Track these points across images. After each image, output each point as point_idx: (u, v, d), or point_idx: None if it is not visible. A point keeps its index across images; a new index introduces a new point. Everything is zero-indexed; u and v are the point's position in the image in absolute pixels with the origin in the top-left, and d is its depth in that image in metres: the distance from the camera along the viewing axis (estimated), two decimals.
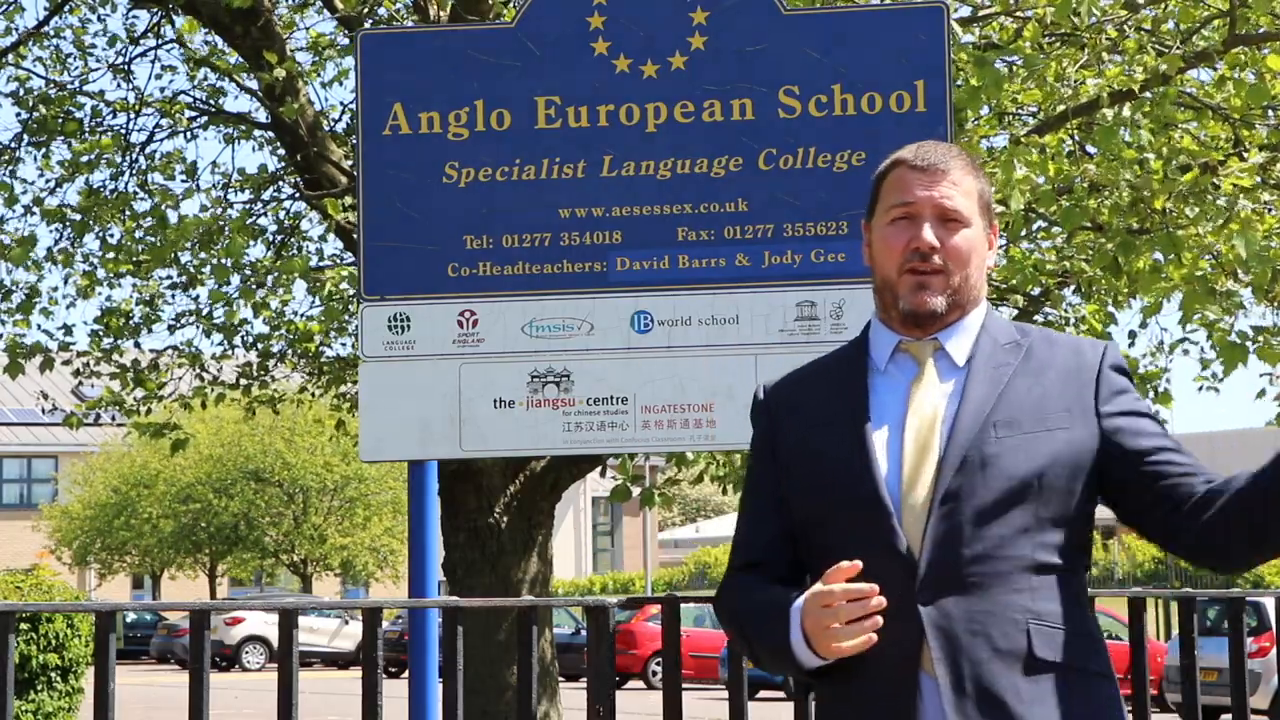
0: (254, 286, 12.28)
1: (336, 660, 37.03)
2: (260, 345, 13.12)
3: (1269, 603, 17.77)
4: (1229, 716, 5.33)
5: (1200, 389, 12.11)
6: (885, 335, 2.94)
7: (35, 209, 12.43)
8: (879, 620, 2.71)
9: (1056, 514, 2.82)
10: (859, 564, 2.73)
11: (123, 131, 12.45)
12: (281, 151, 12.16)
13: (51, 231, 12.48)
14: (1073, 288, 10.71)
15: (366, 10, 11.13)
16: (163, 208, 11.66)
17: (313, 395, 14.01)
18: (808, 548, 2.91)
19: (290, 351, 13.24)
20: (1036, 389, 2.86)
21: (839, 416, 2.89)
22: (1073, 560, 2.84)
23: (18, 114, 12.32)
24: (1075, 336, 3.07)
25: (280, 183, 12.85)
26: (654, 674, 28.84)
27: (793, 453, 2.93)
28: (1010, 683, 2.75)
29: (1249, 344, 9.54)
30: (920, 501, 2.80)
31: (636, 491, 10.68)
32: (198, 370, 13.10)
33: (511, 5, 9.60)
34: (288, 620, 4.20)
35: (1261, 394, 10.88)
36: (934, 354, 2.91)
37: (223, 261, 11.34)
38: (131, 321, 12.78)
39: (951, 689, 2.74)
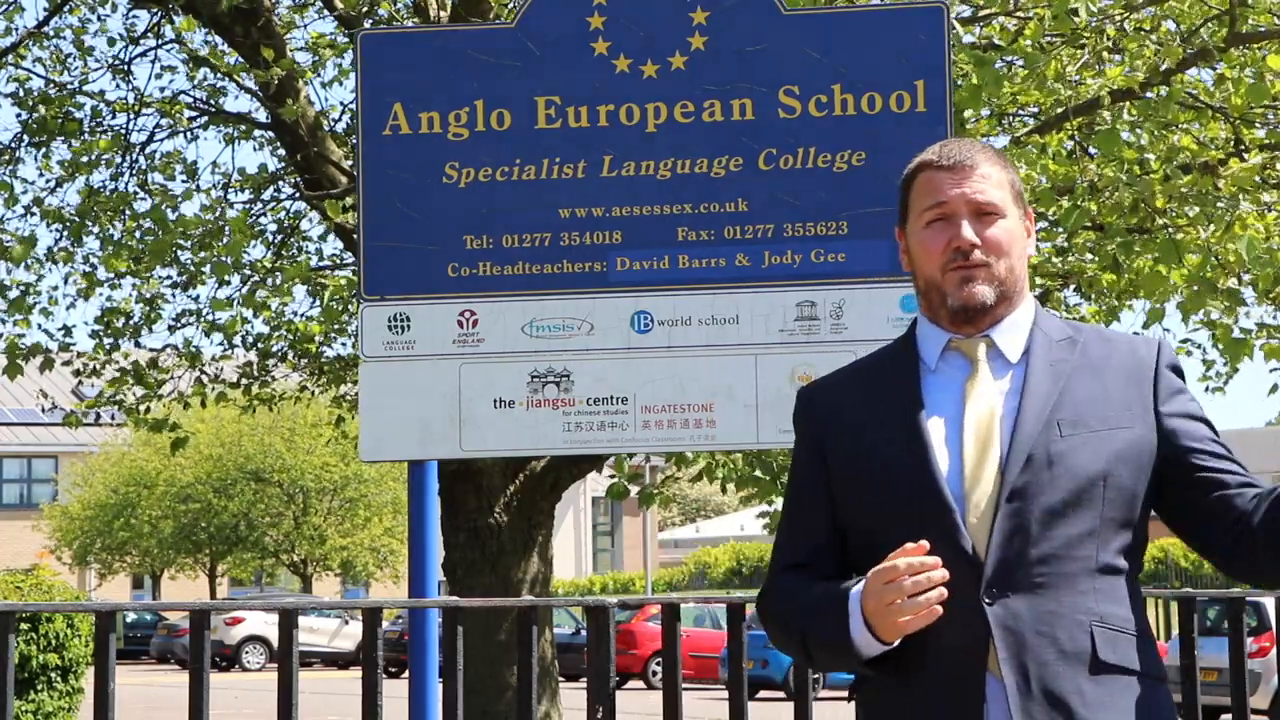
0: (254, 288, 12.27)
1: (336, 660, 37.02)
2: (260, 345, 13.12)
3: (1269, 603, 17.76)
4: (1229, 716, 5.32)
5: (1206, 389, 12.14)
6: (934, 334, 2.90)
7: (35, 209, 12.42)
8: (944, 592, 2.67)
9: (1120, 515, 2.79)
10: (925, 544, 2.67)
11: (123, 131, 12.45)
12: (281, 152, 12.15)
13: (52, 231, 12.48)
14: (1073, 288, 10.71)
15: (366, 10, 11.13)
16: (162, 208, 11.66)
17: (312, 394, 14.01)
18: (863, 551, 2.84)
19: (290, 352, 13.24)
20: (1097, 387, 2.82)
21: (893, 416, 2.85)
22: (1132, 562, 2.82)
23: (18, 114, 12.31)
24: (1129, 334, 3.03)
25: (280, 183, 12.85)
26: (654, 674, 28.83)
27: (845, 456, 2.88)
28: (1075, 685, 2.72)
29: (1252, 339, 9.57)
30: (984, 499, 2.76)
31: (635, 490, 10.68)
32: (198, 370, 13.09)
33: (511, 5, 9.60)
34: (288, 620, 4.20)
35: (1274, 389, 10.91)
36: (987, 350, 2.87)
37: (223, 260, 11.34)
38: (132, 321, 12.77)
39: (1018, 690, 2.71)
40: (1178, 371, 2.90)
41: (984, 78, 8.06)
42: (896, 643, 2.72)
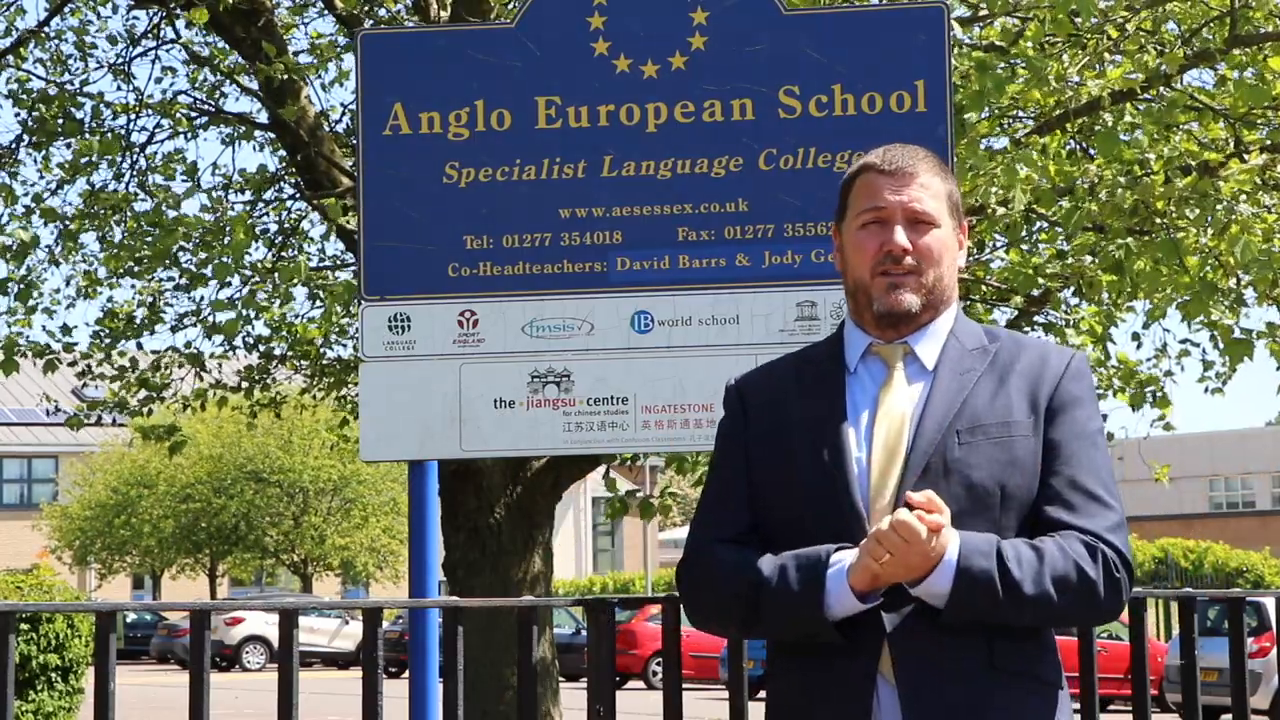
0: (253, 289, 12.25)
1: (336, 660, 37.02)
2: (262, 347, 13.11)
3: (1269, 603, 17.79)
4: (1229, 716, 5.32)
5: (1205, 390, 12.16)
6: (858, 336, 2.95)
7: (35, 208, 12.39)
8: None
9: (1018, 521, 2.82)
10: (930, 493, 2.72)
11: (123, 132, 12.42)
12: (282, 152, 12.14)
13: (52, 232, 12.46)
14: (1072, 289, 10.70)
15: (367, 10, 11.13)
16: (163, 208, 11.64)
17: (314, 398, 13.99)
18: (775, 544, 2.90)
19: (291, 354, 13.22)
20: (1001, 395, 2.86)
21: (812, 417, 2.90)
22: None
23: (17, 114, 12.29)
24: (1045, 342, 3.07)
25: (281, 183, 12.84)
26: (654, 674, 28.83)
27: (766, 452, 2.93)
28: (966, 689, 2.76)
29: (1253, 339, 9.59)
30: (887, 506, 2.80)
31: (634, 491, 10.67)
32: (197, 370, 13.07)
33: (511, 5, 9.60)
34: (288, 620, 4.20)
35: None
36: (904, 357, 2.91)
37: (224, 260, 11.33)
38: (134, 323, 12.75)
39: (908, 694, 2.75)
40: (1085, 383, 2.91)
41: (985, 83, 8.05)
42: (869, 605, 2.76)
